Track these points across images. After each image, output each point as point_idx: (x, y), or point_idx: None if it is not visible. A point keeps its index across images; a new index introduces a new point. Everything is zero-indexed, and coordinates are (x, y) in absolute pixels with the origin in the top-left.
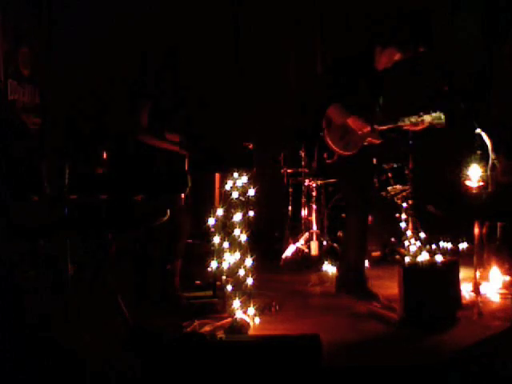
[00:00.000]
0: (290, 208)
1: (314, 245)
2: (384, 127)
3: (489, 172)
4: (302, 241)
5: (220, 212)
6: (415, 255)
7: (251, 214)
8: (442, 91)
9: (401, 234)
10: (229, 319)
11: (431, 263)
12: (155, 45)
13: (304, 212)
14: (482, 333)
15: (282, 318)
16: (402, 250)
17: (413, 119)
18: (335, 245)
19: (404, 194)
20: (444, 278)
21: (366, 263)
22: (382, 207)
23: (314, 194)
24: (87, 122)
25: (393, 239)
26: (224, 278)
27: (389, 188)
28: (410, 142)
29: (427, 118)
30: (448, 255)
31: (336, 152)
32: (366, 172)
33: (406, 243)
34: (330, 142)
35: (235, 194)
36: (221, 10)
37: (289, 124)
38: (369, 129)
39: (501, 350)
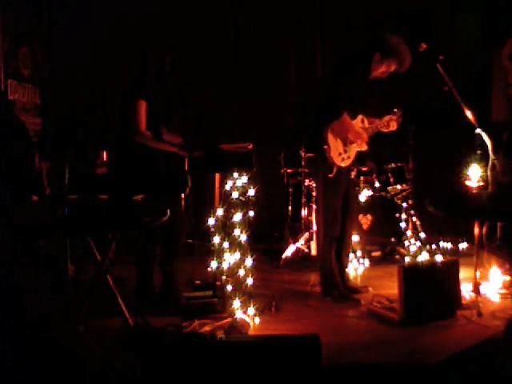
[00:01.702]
0: (290, 208)
1: (314, 245)
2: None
3: (489, 172)
4: (301, 241)
5: (220, 212)
6: (415, 255)
7: (251, 213)
8: (442, 91)
9: (401, 234)
10: (229, 319)
11: (431, 263)
12: (155, 45)
13: (304, 212)
14: (482, 333)
15: (281, 318)
16: (402, 250)
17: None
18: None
19: (404, 193)
20: (444, 278)
21: (367, 263)
22: (382, 207)
23: (313, 193)
24: (87, 122)
25: (393, 239)
26: (224, 278)
27: (389, 188)
28: (410, 141)
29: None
30: (448, 255)
31: (335, 165)
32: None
33: (406, 243)
34: (332, 156)
35: (235, 194)
36: (221, 10)
37: (289, 124)
38: (366, 140)
39: (501, 350)
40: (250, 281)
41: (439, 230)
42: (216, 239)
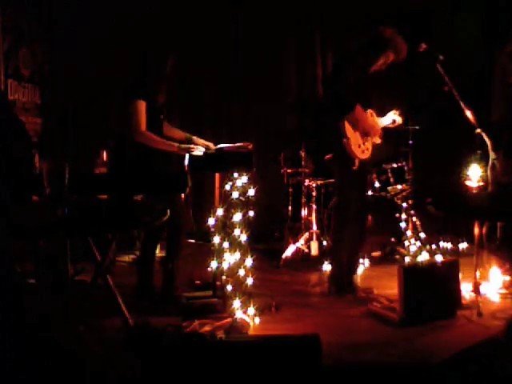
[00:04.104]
0: (290, 208)
1: (314, 245)
2: None
3: (489, 172)
4: (301, 241)
5: (220, 212)
6: (415, 255)
7: (251, 213)
8: (442, 91)
9: (401, 234)
10: (229, 319)
11: (431, 263)
12: (155, 45)
13: (304, 212)
14: (482, 333)
15: (281, 318)
16: (402, 250)
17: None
18: None
19: (404, 193)
20: (444, 277)
21: (367, 263)
22: (381, 207)
23: (313, 193)
24: (87, 122)
25: (393, 239)
26: (224, 278)
27: (389, 188)
28: (410, 141)
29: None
30: (448, 255)
31: (357, 158)
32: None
33: (406, 243)
34: (352, 149)
35: (235, 194)
36: (221, 10)
37: (289, 124)
38: (380, 132)
39: (500, 350)
40: (250, 281)
41: (439, 230)
42: (216, 239)
